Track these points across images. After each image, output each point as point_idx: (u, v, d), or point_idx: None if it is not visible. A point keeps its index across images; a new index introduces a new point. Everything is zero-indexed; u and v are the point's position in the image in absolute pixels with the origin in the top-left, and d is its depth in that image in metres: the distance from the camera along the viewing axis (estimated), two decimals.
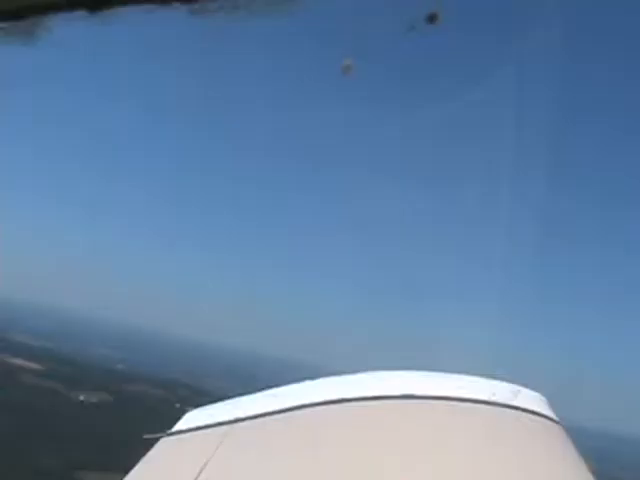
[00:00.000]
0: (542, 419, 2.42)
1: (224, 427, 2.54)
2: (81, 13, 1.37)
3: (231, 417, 2.56)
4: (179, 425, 2.71)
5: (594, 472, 2.30)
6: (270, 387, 2.71)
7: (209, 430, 2.57)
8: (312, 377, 2.66)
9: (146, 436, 2.69)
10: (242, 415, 2.55)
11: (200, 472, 2.30)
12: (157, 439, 2.63)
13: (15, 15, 1.40)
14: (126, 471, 2.45)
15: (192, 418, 2.73)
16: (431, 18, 1.67)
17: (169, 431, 2.68)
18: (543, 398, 2.52)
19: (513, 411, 2.37)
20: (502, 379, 2.54)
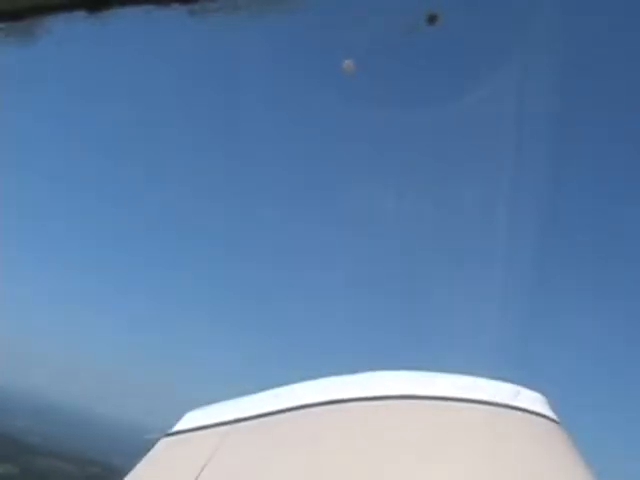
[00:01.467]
0: (542, 419, 2.41)
1: (224, 427, 2.53)
2: (81, 14, 1.37)
3: (231, 417, 2.56)
4: (179, 425, 2.70)
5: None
6: None
7: (209, 430, 2.56)
8: None
9: (147, 436, 2.69)
10: (242, 415, 2.54)
11: (200, 472, 2.30)
12: (157, 439, 2.63)
13: (15, 16, 1.40)
14: None
15: (192, 418, 2.72)
16: (431, 19, 1.67)
17: (169, 431, 2.67)
18: (543, 398, 2.52)
19: (513, 411, 2.37)
20: (502, 379, 2.54)
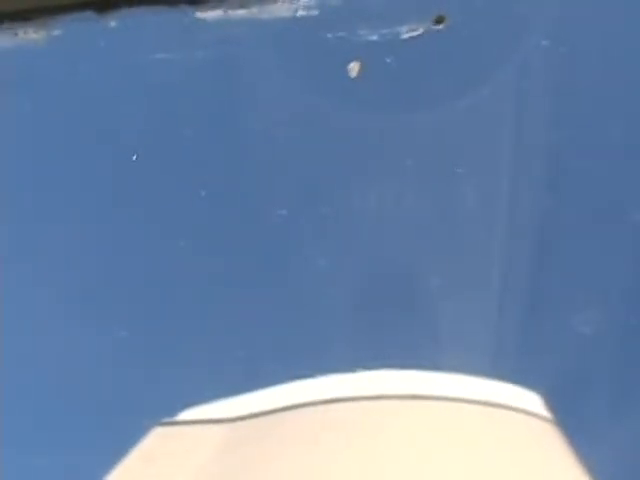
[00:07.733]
0: (539, 420, 2.43)
1: (222, 425, 2.54)
2: (88, 14, 1.38)
3: (229, 415, 2.56)
4: (176, 419, 2.69)
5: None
6: None
7: (206, 426, 2.56)
8: None
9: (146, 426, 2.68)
10: (240, 413, 2.55)
11: (197, 470, 2.30)
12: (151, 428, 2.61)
13: (22, 16, 1.41)
14: None
15: (190, 415, 2.72)
16: (438, 20, 1.67)
17: (163, 420, 2.64)
18: (541, 398, 2.53)
19: (511, 411, 2.39)
20: (502, 379, 2.55)
